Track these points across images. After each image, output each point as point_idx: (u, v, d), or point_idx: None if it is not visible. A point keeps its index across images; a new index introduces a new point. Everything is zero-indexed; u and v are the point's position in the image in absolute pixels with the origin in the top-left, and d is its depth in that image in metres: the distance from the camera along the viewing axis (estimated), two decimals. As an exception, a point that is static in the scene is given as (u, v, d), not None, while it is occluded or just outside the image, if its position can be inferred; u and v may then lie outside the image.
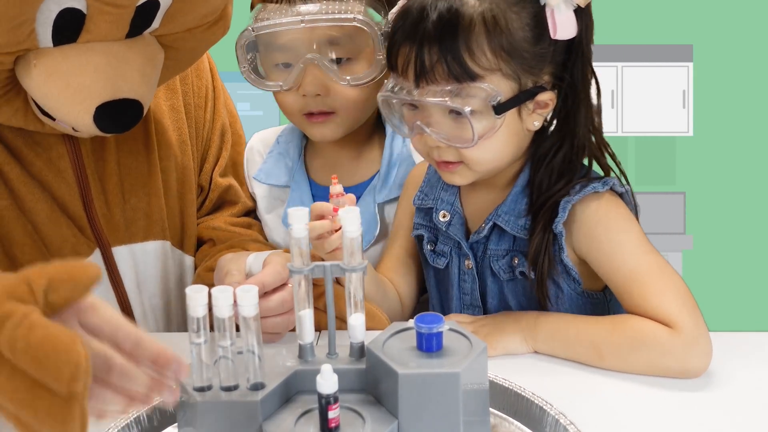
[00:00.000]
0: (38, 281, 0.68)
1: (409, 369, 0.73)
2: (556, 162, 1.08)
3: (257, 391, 0.75)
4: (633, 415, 0.91)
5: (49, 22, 0.92)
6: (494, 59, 1.00)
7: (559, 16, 1.01)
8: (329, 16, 1.14)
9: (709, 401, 0.94)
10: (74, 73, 0.95)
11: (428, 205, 1.18)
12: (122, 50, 0.97)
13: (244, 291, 0.72)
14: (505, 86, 1.01)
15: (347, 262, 0.77)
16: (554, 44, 1.02)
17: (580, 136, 1.07)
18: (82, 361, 0.65)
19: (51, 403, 0.66)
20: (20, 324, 0.66)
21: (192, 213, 1.26)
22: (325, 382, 0.71)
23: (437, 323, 0.75)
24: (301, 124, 1.25)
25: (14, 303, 0.67)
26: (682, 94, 2.50)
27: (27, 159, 1.10)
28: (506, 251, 1.11)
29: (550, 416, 0.83)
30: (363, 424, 0.74)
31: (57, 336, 0.66)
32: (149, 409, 0.86)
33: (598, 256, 1.05)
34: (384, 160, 1.28)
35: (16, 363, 0.66)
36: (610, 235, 1.04)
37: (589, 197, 1.05)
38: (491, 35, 0.99)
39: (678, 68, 2.48)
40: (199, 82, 1.29)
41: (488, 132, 1.02)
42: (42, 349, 0.65)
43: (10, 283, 0.68)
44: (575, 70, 1.05)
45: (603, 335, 1.00)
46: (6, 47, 0.91)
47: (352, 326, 0.79)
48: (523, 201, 1.09)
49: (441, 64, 0.99)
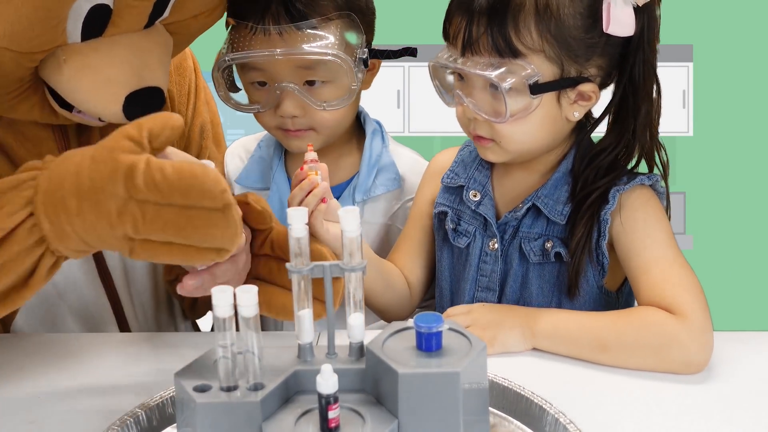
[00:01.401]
0: (143, 132, 0.82)
1: (409, 368, 0.73)
2: (608, 159, 1.10)
3: (257, 391, 0.75)
4: (633, 414, 0.91)
5: (80, 19, 0.94)
6: (539, 40, 1.02)
7: (616, 11, 1.02)
8: (306, 50, 1.14)
9: (709, 401, 0.94)
10: (103, 66, 0.98)
11: (459, 184, 1.20)
12: (142, 41, 1.00)
13: (244, 291, 0.72)
14: (546, 69, 1.03)
15: (346, 261, 0.77)
16: (607, 38, 1.04)
17: (637, 136, 1.09)
18: (220, 176, 0.81)
19: (208, 217, 0.81)
20: (148, 168, 0.79)
21: None
22: (324, 382, 0.71)
23: (437, 323, 0.75)
24: (280, 137, 1.27)
25: (129, 155, 0.80)
26: (682, 94, 2.50)
27: (17, 155, 1.10)
28: (539, 234, 1.12)
29: (550, 415, 0.84)
30: (363, 424, 0.74)
31: (188, 166, 0.80)
32: (149, 409, 0.86)
33: (627, 240, 1.07)
34: (363, 161, 1.30)
35: (160, 200, 0.79)
36: (645, 222, 1.07)
37: (635, 187, 1.08)
38: (540, 16, 1.01)
39: (678, 68, 2.48)
40: (182, 80, 1.29)
41: (522, 111, 1.04)
42: (185, 180, 0.79)
43: (123, 136, 0.82)
44: (635, 69, 1.06)
45: (607, 325, 1.01)
46: (40, 47, 0.93)
47: (352, 326, 0.79)
48: (564, 188, 1.11)
49: (487, 36, 1.02)
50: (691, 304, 1.00)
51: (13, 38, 0.90)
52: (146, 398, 0.87)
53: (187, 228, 0.81)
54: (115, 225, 0.81)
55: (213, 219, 0.81)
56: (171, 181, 0.80)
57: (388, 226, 1.33)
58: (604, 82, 1.09)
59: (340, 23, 1.17)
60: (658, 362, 0.98)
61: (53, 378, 1.02)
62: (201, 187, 0.80)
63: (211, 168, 0.81)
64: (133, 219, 0.80)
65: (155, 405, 0.87)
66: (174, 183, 0.80)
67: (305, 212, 0.77)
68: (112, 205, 0.80)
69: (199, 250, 0.83)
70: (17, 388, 0.98)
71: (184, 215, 0.80)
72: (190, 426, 0.75)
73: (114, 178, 0.80)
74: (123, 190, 0.80)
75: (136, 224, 0.81)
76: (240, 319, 0.73)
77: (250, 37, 1.16)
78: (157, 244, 0.82)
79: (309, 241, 0.79)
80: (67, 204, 0.81)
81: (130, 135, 0.82)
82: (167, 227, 0.81)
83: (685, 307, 0.99)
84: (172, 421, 0.86)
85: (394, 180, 1.31)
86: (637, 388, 0.96)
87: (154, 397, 0.87)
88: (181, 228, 0.81)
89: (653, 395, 0.95)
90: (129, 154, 0.81)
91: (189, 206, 0.80)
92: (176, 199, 0.80)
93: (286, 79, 1.18)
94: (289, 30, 1.14)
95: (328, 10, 1.16)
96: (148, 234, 0.81)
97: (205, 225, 0.81)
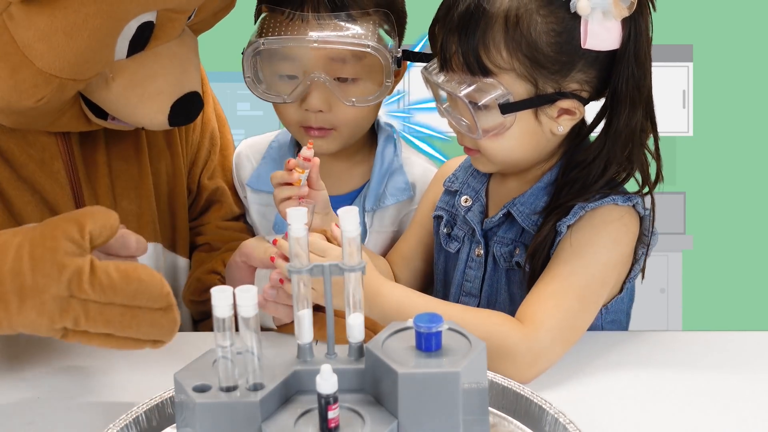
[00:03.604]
0: (84, 234, 0.85)
1: (409, 368, 0.73)
2: (592, 169, 1.04)
3: (256, 391, 0.75)
4: (632, 413, 0.91)
5: (128, 38, 0.97)
6: (509, 59, 0.99)
7: (594, 27, 0.98)
8: (344, 40, 1.13)
9: (709, 401, 0.94)
10: (149, 79, 1.01)
11: (455, 188, 1.19)
12: (179, 48, 1.03)
13: (243, 291, 0.72)
14: (519, 87, 1.01)
15: (346, 261, 0.77)
16: (587, 53, 1.00)
17: (619, 147, 1.03)
18: (163, 279, 0.86)
19: (152, 317, 0.86)
20: (93, 273, 0.84)
21: (183, 215, 1.26)
22: (324, 382, 0.71)
23: (436, 323, 0.75)
24: (299, 134, 1.25)
25: (73, 258, 0.84)
26: (682, 94, 2.49)
27: (19, 161, 1.10)
28: (512, 240, 1.11)
29: (549, 415, 0.83)
30: (363, 424, 0.74)
31: (133, 270, 0.85)
32: (148, 409, 0.86)
33: (558, 248, 1.03)
34: (375, 169, 1.29)
35: (105, 300, 0.84)
36: (588, 241, 1.02)
37: (605, 207, 1.03)
38: (510, 35, 0.99)
39: (678, 68, 2.48)
40: None
41: (497, 127, 1.03)
42: (131, 285, 0.84)
43: (65, 237, 0.85)
44: (619, 80, 1.01)
45: (454, 313, 0.97)
46: (92, 71, 0.96)
47: (351, 326, 0.79)
48: (543, 198, 1.08)
49: (458, 55, 1.01)
50: (544, 323, 0.97)
51: (68, 69, 0.93)
52: (146, 398, 0.87)
53: (131, 325, 0.86)
54: (56, 321, 0.85)
55: (156, 318, 0.86)
56: (117, 284, 0.84)
57: (397, 233, 1.32)
58: (597, 94, 1.05)
59: (377, 19, 1.16)
60: (489, 359, 0.88)
61: (53, 378, 1.02)
62: (147, 290, 0.85)
63: (153, 271, 0.86)
64: (75, 316, 0.84)
65: (155, 405, 0.87)
66: (120, 287, 0.84)
67: (305, 212, 0.77)
68: (55, 305, 0.84)
69: (136, 342, 0.87)
70: (17, 389, 0.98)
71: (128, 314, 0.85)
72: (189, 426, 0.75)
73: (59, 280, 0.83)
74: (67, 291, 0.83)
75: (78, 320, 0.85)
76: (240, 319, 0.73)
77: (286, 23, 1.15)
78: (95, 334, 0.87)
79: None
80: (9, 301, 0.85)
81: (72, 237, 0.85)
82: (110, 324, 0.85)
83: (537, 324, 0.96)
84: (172, 421, 0.86)
85: (405, 190, 1.30)
86: (637, 387, 0.96)
87: (154, 397, 0.87)
88: (125, 326, 0.86)
89: (653, 395, 0.95)
90: (72, 257, 0.84)
91: (133, 306, 0.85)
92: (121, 300, 0.85)
93: (317, 71, 1.16)
94: (327, 18, 1.14)
95: (368, 5, 1.16)
96: (88, 328, 0.86)
97: (148, 323, 0.86)
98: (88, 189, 1.14)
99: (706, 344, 1.07)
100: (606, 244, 1.03)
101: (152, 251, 1.20)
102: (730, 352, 1.04)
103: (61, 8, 0.90)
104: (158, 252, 1.21)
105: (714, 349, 1.00)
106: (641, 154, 1.06)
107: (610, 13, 0.98)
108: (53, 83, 0.94)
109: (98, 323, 0.86)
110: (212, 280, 1.19)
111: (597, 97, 1.06)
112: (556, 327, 0.98)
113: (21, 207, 1.10)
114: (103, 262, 0.85)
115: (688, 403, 0.93)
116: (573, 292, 1.00)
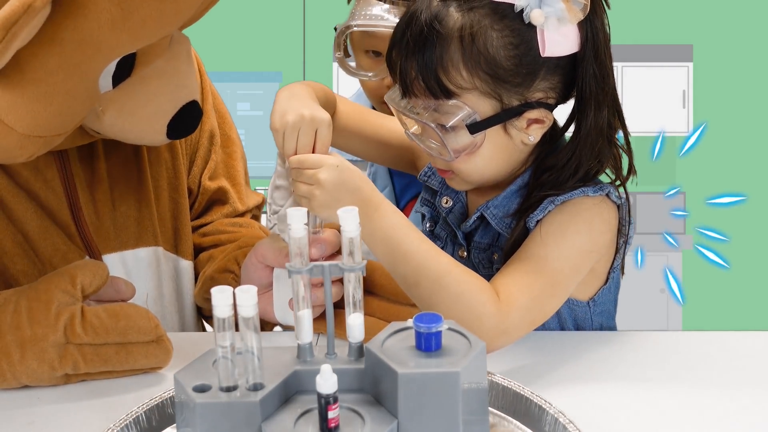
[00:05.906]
0: (76, 286, 0.96)
1: (409, 368, 0.73)
2: (564, 171, 1.04)
3: (256, 391, 0.75)
4: (632, 413, 0.91)
5: (110, 73, 0.96)
6: (470, 78, 0.98)
7: (550, 34, 0.97)
8: None
9: (709, 400, 0.94)
10: (140, 106, 1.00)
11: (434, 187, 1.17)
12: (166, 64, 1.01)
13: (243, 291, 0.72)
14: (483, 104, 1.00)
15: (346, 261, 0.77)
16: (547, 60, 0.99)
17: (589, 147, 1.03)
18: (150, 312, 0.97)
19: (146, 349, 0.97)
20: (84, 317, 0.95)
21: (185, 216, 1.25)
22: (324, 382, 0.71)
23: (436, 323, 0.75)
24: (379, 105, 1.38)
25: (66, 307, 0.95)
26: (682, 94, 2.50)
27: (13, 168, 1.09)
28: (488, 245, 1.10)
29: (549, 415, 0.83)
30: (362, 424, 0.74)
31: (120, 309, 0.97)
32: (148, 409, 0.86)
33: (532, 235, 1.01)
34: None
35: (98, 341, 0.95)
36: (559, 226, 1.01)
37: (576, 199, 1.02)
38: (466, 53, 0.97)
39: (678, 68, 2.48)
40: None
41: (468, 148, 1.01)
42: (120, 322, 0.95)
43: (59, 289, 0.96)
44: (583, 82, 1.01)
45: (443, 263, 0.96)
46: (77, 121, 0.96)
47: (351, 326, 0.79)
48: (516, 201, 1.07)
49: (418, 80, 0.99)
50: (516, 301, 0.95)
51: (51, 128, 0.92)
52: (146, 398, 0.87)
53: (127, 361, 0.97)
54: (56, 368, 0.95)
55: (149, 350, 0.97)
56: (107, 324, 0.95)
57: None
58: (564, 98, 1.04)
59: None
60: (457, 317, 0.89)
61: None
62: (135, 325, 0.96)
63: (140, 306, 0.97)
64: (74, 361, 0.95)
65: (155, 405, 0.87)
66: (110, 325, 0.95)
67: (304, 212, 0.77)
68: (54, 351, 0.94)
69: (135, 371, 0.99)
70: (17, 389, 0.98)
71: (123, 351, 0.96)
72: (189, 426, 0.75)
73: (56, 328, 0.93)
74: (63, 338, 0.94)
75: (77, 365, 0.95)
76: (240, 319, 0.73)
77: (380, 5, 1.25)
78: (95, 373, 0.97)
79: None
80: (10, 353, 0.94)
81: (65, 288, 0.96)
82: (108, 363, 0.96)
83: (511, 301, 0.95)
84: (172, 421, 0.86)
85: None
86: (637, 387, 0.96)
87: (154, 397, 0.87)
88: (122, 362, 0.97)
89: (653, 395, 0.95)
90: (65, 306, 0.95)
91: (126, 342, 0.96)
92: (114, 339, 0.95)
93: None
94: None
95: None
96: (88, 370, 0.96)
97: (142, 356, 0.97)
98: (84, 196, 1.13)
99: (706, 344, 1.07)
100: (580, 230, 1.02)
101: (153, 255, 1.19)
102: (730, 352, 1.04)
103: (30, 82, 0.87)
104: (159, 255, 1.20)
105: (714, 349, 1.00)
106: (611, 150, 1.05)
107: (565, 18, 0.97)
108: (38, 142, 0.93)
109: (96, 364, 0.95)
110: (226, 278, 1.19)
111: (564, 101, 1.05)
112: (525, 308, 0.96)
113: (21, 214, 1.10)
114: (92, 307, 0.95)
115: (688, 403, 0.93)
116: (547, 276, 0.98)
